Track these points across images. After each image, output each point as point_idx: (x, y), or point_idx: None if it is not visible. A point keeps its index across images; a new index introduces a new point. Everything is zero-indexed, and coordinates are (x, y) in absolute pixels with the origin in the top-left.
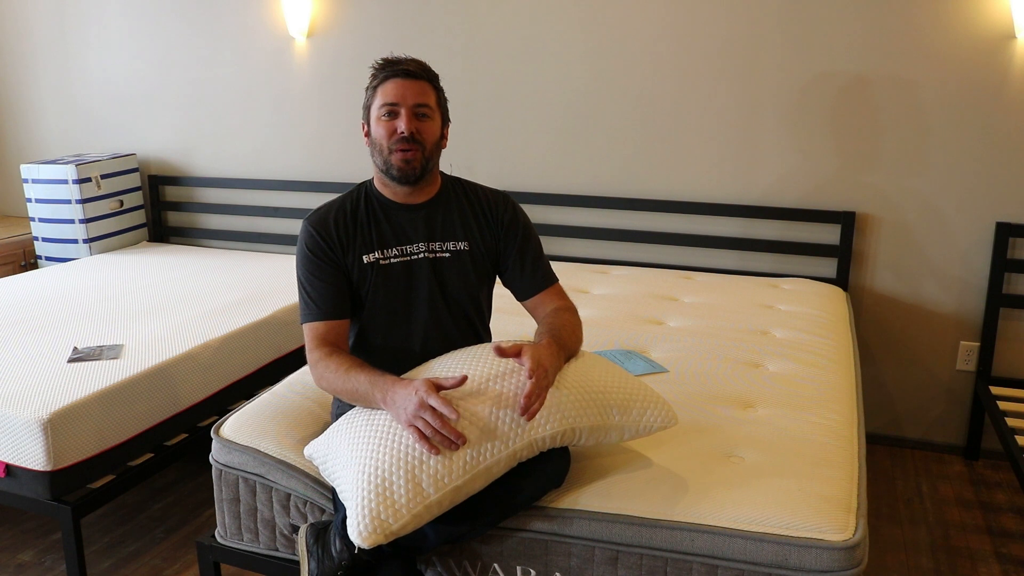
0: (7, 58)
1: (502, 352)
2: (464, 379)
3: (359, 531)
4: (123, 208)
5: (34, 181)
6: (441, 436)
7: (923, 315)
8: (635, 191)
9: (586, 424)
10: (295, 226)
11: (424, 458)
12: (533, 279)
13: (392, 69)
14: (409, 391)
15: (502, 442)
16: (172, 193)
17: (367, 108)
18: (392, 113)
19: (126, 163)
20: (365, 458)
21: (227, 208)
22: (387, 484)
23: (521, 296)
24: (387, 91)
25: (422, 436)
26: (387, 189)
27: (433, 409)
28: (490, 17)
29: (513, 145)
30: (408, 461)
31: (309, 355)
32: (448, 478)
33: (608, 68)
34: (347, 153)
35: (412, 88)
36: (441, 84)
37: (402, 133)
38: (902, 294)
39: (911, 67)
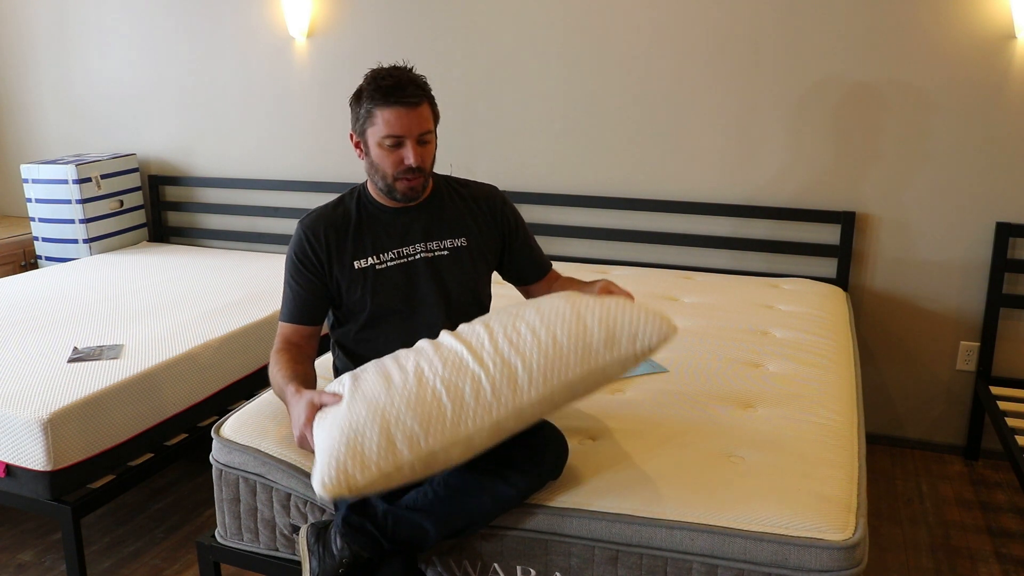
0: (7, 58)
1: (605, 291)
2: (341, 397)
3: (322, 480)
4: (123, 208)
5: (34, 181)
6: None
7: (923, 315)
8: (635, 191)
9: (576, 375)
10: (295, 226)
11: (401, 417)
12: (541, 264)
13: (394, 97)
14: (299, 407)
15: (484, 410)
16: (172, 193)
17: (362, 127)
18: (397, 144)
19: (126, 163)
20: (343, 415)
21: (227, 208)
22: (359, 437)
23: (528, 281)
24: (391, 122)
25: (304, 442)
26: (382, 197)
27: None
28: (490, 17)
29: (513, 145)
30: (384, 418)
31: (273, 348)
32: (424, 441)
33: (607, 68)
34: (347, 153)
35: (416, 118)
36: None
37: (410, 165)
38: (902, 294)
39: (911, 67)
